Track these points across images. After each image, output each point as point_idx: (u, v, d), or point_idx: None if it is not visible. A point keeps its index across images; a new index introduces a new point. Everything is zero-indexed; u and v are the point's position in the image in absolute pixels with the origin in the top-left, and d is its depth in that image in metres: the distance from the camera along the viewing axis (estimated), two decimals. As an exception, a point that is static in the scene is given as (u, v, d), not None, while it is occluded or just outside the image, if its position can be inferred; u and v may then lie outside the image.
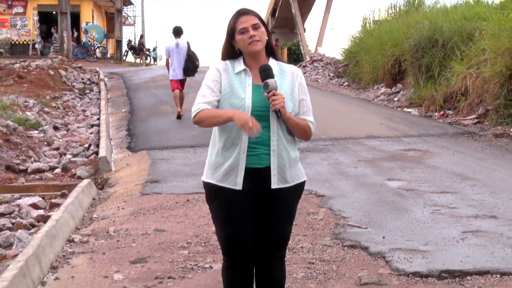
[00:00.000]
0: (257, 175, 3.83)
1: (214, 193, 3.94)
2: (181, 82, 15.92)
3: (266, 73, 3.76)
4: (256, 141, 3.78)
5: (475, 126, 14.19)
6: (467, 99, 15.66)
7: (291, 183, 3.90)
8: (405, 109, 17.95)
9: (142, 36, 52.62)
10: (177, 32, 15.76)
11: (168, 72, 16.10)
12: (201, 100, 3.85)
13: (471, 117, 14.92)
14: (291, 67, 4.01)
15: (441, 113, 16.17)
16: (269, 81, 3.71)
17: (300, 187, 3.99)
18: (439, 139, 12.66)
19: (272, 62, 3.92)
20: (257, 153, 3.81)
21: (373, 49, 23.66)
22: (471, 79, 15.64)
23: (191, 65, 15.49)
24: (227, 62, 3.94)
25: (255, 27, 3.81)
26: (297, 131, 3.89)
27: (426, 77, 18.38)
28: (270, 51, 3.95)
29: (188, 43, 15.71)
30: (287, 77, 3.92)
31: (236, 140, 3.81)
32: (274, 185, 3.83)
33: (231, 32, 3.87)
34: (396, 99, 19.88)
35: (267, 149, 3.82)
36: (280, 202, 3.91)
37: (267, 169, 3.83)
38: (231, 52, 3.93)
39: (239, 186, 3.82)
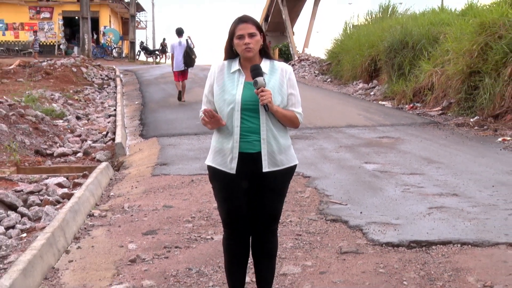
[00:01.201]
0: (250, 159, 3.85)
1: (214, 175, 3.98)
2: (183, 73, 17.05)
3: (255, 72, 3.79)
4: (248, 129, 3.82)
5: (440, 116, 14.21)
6: (433, 93, 15.69)
7: (281, 166, 3.91)
8: (379, 102, 17.96)
9: (164, 39, 52.51)
10: (179, 32, 16.86)
11: (172, 64, 17.21)
12: (203, 106, 3.97)
13: (437, 109, 14.95)
14: (282, 64, 4.02)
15: (411, 105, 16.20)
16: (258, 79, 3.75)
17: (290, 170, 4.00)
18: (409, 128, 12.68)
19: (265, 62, 3.94)
20: (250, 139, 3.84)
21: (353, 50, 23.65)
22: (437, 76, 15.70)
23: (189, 59, 16.68)
24: (225, 62, 3.97)
25: (251, 35, 3.82)
26: (285, 121, 3.91)
27: (398, 74, 18.41)
28: (264, 52, 3.95)
29: (187, 40, 16.82)
30: (276, 74, 3.92)
31: (231, 129, 3.85)
32: (265, 168, 3.85)
33: (232, 35, 3.88)
34: (372, 93, 19.90)
35: (258, 136, 3.84)
36: (271, 183, 3.92)
37: (259, 154, 3.85)
38: (230, 51, 3.95)
39: (233, 171, 3.86)
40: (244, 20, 3.87)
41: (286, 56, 39.63)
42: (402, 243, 5.51)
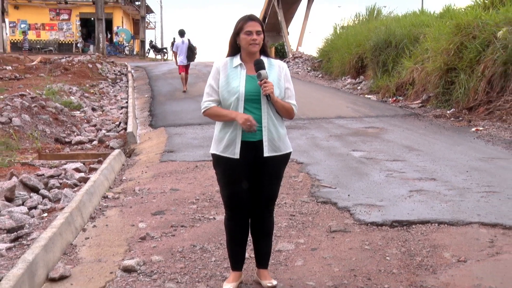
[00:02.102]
0: (252, 146, 3.87)
1: (218, 161, 3.97)
2: (186, 67, 18.02)
3: (259, 65, 3.82)
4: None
5: (420, 109, 14.20)
6: (414, 88, 15.69)
7: (279, 152, 3.93)
8: (366, 95, 17.94)
9: (174, 39, 52.33)
10: (182, 33, 17.89)
11: (175, 60, 18.23)
12: (207, 98, 3.94)
13: (417, 102, 14.94)
14: (278, 62, 4.04)
15: (394, 98, 16.19)
16: (262, 71, 3.78)
17: (287, 156, 4.03)
18: (392, 119, 12.67)
19: (263, 58, 3.95)
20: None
21: (342, 48, 23.59)
22: (417, 72, 15.70)
23: (191, 54, 17.74)
24: (228, 59, 3.98)
25: (258, 33, 3.85)
26: (283, 112, 3.92)
27: (382, 71, 18.42)
28: (263, 50, 3.96)
29: (189, 39, 17.82)
30: (275, 69, 3.95)
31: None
32: (266, 153, 3.87)
33: (238, 30, 3.88)
34: (359, 87, 19.86)
35: (259, 126, 3.85)
36: (270, 168, 3.95)
37: (260, 142, 3.87)
38: (234, 46, 3.95)
39: (236, 156, 3.86)
40: (253, 18, 3.90)
41: (281, 54, 39.51)
42: (385, 223, 5.51)
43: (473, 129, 11.06)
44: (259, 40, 3.86)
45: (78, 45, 44.64)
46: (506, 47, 12.07)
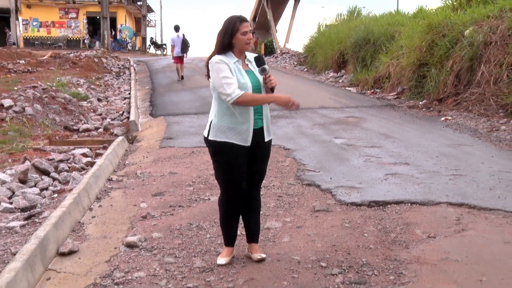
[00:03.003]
0: (256, 133, 3.87)
1: (223, 148, 3.82)
2: (180, 58, 18.76)
3: (261, 61, 3.83)
4: (257, 110, 3.85)
5: (395, 100, 14.20)
6: (390, 81, 15.67)
7: (271, 137, 4.03)
8: (346, 88, 17.89)
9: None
10: (177, 28, 18.57)
11: (172, 53, 19.01)
12: (233, 87, 3.67)
13: (392, 94, 14.93)
14: (253, 55, 3.99)
15: (372, 91, 16.16)
16: (265, 67, 3.80)
17: (271, 140, 4.09)
18: (370, 109, 12.66)
19: (249, 54, 3.95)
20: (256, 118, 3.87)
21: (325, 45, 23.47)
22: (393, 67, 15.67)
23: (184, 46, 18.51)
24: (222, 56, 3.78)
25: (251, 32, 3.84)
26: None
27: (362, 65, 18.37)
28: None
29: (183, 34, 18.65)
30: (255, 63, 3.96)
31: (245, 110, 3.79)
32: (267, 138, 3.95)
33: (234, 31, 3.76)
34: (340, 81, 19.81)
35: (260, 115, 3.88)
36: (266, 151, 4.03)
37: (261, 129, 3.90)
38: (227, 44, 3.78)
39: (248, 143, 3.84)
40: (245, 20, 3.85)
41: (270, 50, 39.35)
42: (364, 203, 5.52)
43: (443, 119, 11.07)
44: (252, 39, 3.84)
45: (85, 41, 44.22)
46: (472, 44, 12.08)
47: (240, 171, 3.91)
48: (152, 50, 48.49)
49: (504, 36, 11.60)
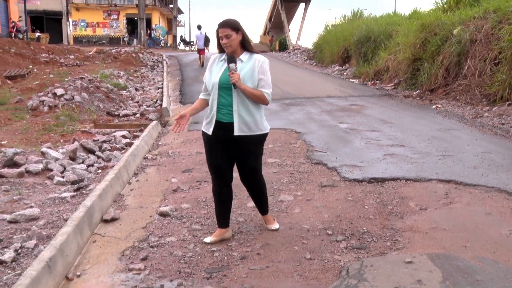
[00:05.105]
0: (223, 126, 3.69)
1: (202, 134, 3.87)
2: (202, 50, 21.20)
3: (230, 60, 3.62)
4: (223, 103, 3.68)
5: (393, 90, 14.00)
6: (388, 73, 15.46)
7: (251, 133, 3.70)
8: (350, 79, 17.69)
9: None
10: (199, 27, 21.15)
11: (196, 46, 21.97)
12: (204, 82, 3.88)
13: (390, 85, 14.74)
14: (258, 56, 3.75)
15: (372, 82, 15.97)
16: (230, 65, 3.60)
17: (261, 137, 3.78)
18: (371, 98, 12.51)
19: (245, 54, 3.74)
20: (225, 112, 3.68)
21: (331, 42, 23.22)
22: (391, 61, 15.46)
23: (206, 41, 20.98)
24: (220, 54, 3.80)
25: (227, 37, 3.61)
26: (253, 98, 3.67)
27: (364, 60, 18.15)
28: (244, 46, 3.73)
29: (205, 32, 20.99)
30: (251, 63, 3.70)
31: (212, 103, 3.75)
32: (236, 133, 3.66)
33: (217, 35, 3.69)
34: (345, 73, 19.59)
35: (231, 109, 3.68)
36: (242, 145, 3.72)
37: (231, 123, 3.67)
38: (220, 46, 3.73)
39: (210, 133, 3.74)
40: (220, 25, 3.65)
41: (284, 46, 39.10)
42: (365, 179, 5.46)
43: (434, 107, 10.90)
44: (229, 42, 3.62)
45: (125, 39, 44.26)
46: (460, 42, 11.88)
47: (214, 158, 3.77)
48: (181, 46, 48.49)
49: (488, 34, 11.41)
